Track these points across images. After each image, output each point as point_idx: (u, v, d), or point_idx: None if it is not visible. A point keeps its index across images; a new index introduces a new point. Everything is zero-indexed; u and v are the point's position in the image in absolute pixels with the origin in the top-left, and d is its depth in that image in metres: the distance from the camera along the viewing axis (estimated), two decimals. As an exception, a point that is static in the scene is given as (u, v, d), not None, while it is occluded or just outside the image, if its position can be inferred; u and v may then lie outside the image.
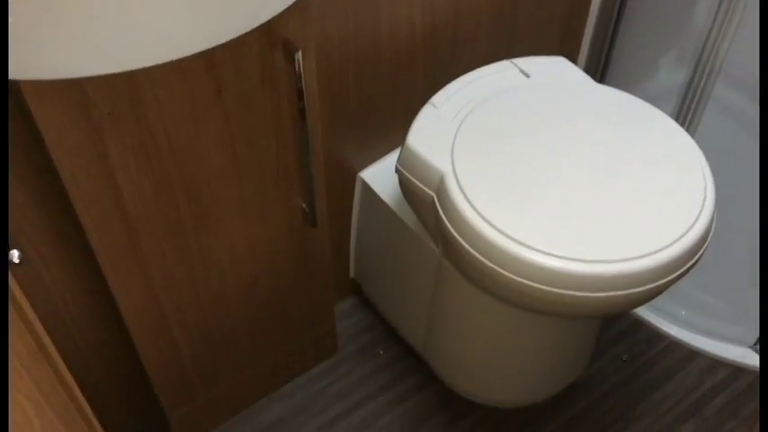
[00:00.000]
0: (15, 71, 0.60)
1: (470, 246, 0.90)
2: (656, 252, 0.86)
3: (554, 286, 0.86)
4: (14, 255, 0.52)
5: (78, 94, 0.69)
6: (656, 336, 1.32)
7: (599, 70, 1.31)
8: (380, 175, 1.18)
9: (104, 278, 0.87)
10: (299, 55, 0.79)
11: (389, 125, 1.16)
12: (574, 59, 1.33)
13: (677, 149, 0.97)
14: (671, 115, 1.03)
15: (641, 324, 1.33)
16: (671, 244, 0.87)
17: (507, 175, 0.94)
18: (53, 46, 0.59)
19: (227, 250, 0.94)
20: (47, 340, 0.51)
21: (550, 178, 0.94)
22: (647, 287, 0.88)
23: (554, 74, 1.08)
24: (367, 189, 1.18)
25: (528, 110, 1.02)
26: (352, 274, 1.34)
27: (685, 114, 1.21)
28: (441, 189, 0.94)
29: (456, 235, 0.91)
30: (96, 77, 0.68)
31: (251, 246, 0.97)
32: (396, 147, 1.21)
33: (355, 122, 1.11)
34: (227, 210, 0.90)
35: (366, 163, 1.19)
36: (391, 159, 1.21)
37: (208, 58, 0.75)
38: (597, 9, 1.25)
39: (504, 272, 0.88)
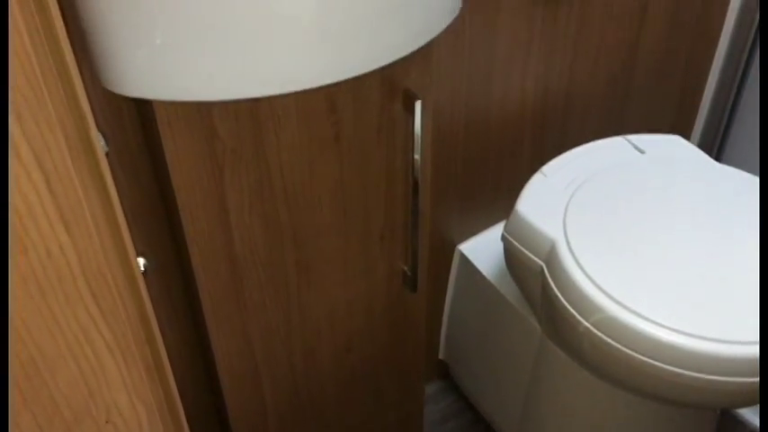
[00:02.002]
0: (149, 91, 0.62)
1: (584, 317, 0.84)
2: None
3: (678, 366, 0.79)
4: (141, 262, 0.51)
5: (206, 126, 0.70)
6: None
7: (714, 148, 1.26)
8: (480, 249, 1.15)
9: (202, 317, 0.85)
10: (418, 104, 0.79)
11: (492, 198, 1.14)
12: (687, 135, 1.29)
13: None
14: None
15: (759, 434, 1.20)
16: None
17: (622, 247, 0.89)
18: (188, 69, 0.61)
19: (326, 306, 0.91)
20: (156, 330, 0.49)
21: (668, 252, 0.88)
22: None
23: (670, 151, 1.04)
24: (466, 262, 1.14)
25: (643, 184, 0.98)
26: (441, 355, 1.28)
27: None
28: (551, 257, 0.90)
29: (568, 306, 0.86)
30: (225, 111, 0.70)
31: (349, 305, 0.94)
32: (497, 221, 1.19)
33: (459, 192, 1.09)
34: (330, 263, 0.88)
35: (465, 236, 1.16)
36: (491, 234, 1.18)
37: (330, 102, 0.76)
38: (714, 84, 1.22)
39: (623, 348, 0.81)
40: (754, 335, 0.79)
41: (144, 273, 0.51)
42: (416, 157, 0.84)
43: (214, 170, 0.74)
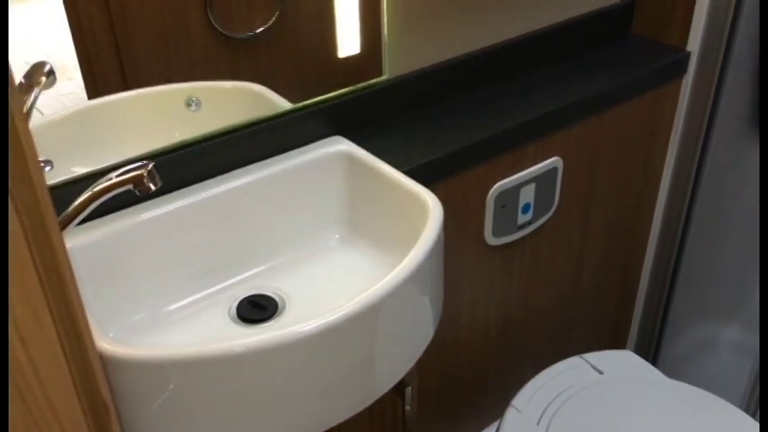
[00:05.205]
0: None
1: None
2: None
3: None
4: None
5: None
6: None
7: (650, 353, 1.36)
8: (455, 470, 1.16)
9: None
10: (409, 390, 0.82)
11: (463, 416, 1.17)
12: (624, 341, 1.39)
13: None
14: (741, 396, 1.06)
15: None
16: None
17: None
18: None
19: None
20: None
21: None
22: None
23: (625, 369, 1.11)
24: (442, 485, 1.16)
25: (609, 410, 1.03)
26: None
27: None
28: (536, 504, 0.93)
29: None
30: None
31: None
32: (467, 436, 1.21)
33: (433, 416, 1.12)
34: None
35: (439, 456, 1.18)
36: (464, 451, 1.20)
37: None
38: (643, 300, 1.33)
39: None
40: None
41: None
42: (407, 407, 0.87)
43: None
